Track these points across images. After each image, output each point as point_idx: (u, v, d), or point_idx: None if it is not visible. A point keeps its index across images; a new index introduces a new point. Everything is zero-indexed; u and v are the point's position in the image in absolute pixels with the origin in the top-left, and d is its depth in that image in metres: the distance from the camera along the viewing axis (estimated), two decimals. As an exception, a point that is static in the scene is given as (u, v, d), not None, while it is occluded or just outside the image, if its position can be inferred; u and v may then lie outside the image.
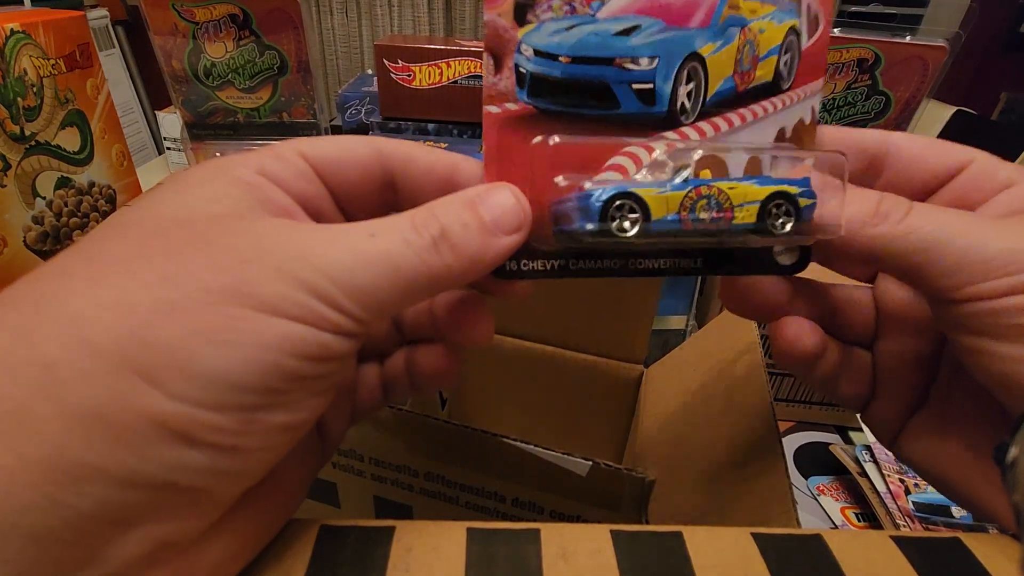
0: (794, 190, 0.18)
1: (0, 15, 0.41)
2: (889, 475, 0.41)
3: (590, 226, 0.17)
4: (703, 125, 0.19)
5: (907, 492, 0.40)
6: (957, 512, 0.39)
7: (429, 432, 0.27)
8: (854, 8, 1.97)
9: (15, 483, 0.11)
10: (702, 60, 0.18)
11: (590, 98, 0.18)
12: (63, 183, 0.45)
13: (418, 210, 0.15)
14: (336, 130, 0.71)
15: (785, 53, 0.19)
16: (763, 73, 0.19)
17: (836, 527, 0.40)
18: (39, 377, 0.11)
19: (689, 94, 0.18)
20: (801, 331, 0.20)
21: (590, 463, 0.24)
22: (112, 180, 0.50)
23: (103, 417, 0.11)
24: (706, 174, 0.18)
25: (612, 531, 0.16)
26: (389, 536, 0.15)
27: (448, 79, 0.58)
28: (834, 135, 0.20)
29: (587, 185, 0.17)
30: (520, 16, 0.17)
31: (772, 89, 0.19)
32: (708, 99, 0.19)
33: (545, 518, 0.28)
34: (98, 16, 1.63)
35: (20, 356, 0.12)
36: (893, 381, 0.21)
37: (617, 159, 0.18)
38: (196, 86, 0.48)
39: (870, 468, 0.42)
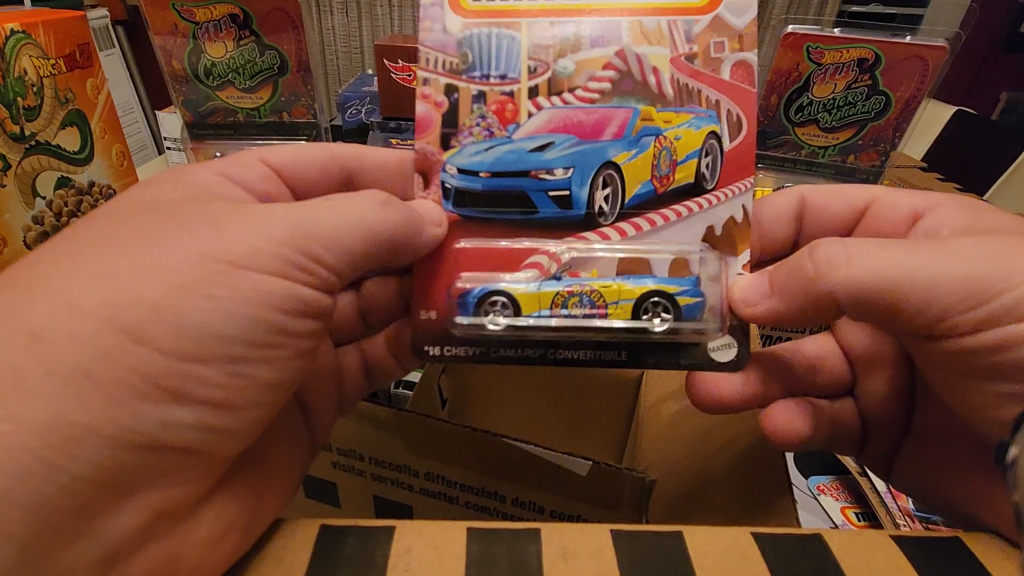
0: (673, 288, 0.18)
1: (0, 15, 0.41)
2: (889, 475, 0.41)
3: (462, 320, 0.19)
4: (624, 225, 0.20)
5: (907, 492, 0.40)
6: (957, 512, 0.38)
7: (429, 432, 0.27)
8: (854, 8, 1.97)
9: (10, 447, 0.11)
10: (617, 167, 0.20)
11: (510, 205, 0.20)
12: (63, 183, 0.45)
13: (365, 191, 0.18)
14: (336, 130, 0.71)
15: (706, 156, 0.20)
16: (684, 176, 0.20)
17: (836, 527, 0.40)
18: (28, 343, 0.12)
19: (607, 198, 0.20)
20: (790, 418, 0.20)
21: (590, 463, 0.24)
22: (112, 180, 0.50)
23: (93, 376, 0.12)
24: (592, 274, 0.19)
25: (612, 531, 0.16)
26: (389, 536, 0.15)
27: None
28: (757, 215, 0.20)
29: (476, 285, 0.19)
30: (445, 143, 0.20)
31: (695, 190, 0.20)
32: (627, 201, 0.20)
33: (545, 518, 0.28)
34: (98, 16, 1.63)
35: (7, 327, 0.12)
36: (879, 418, 0.21)
37: (535, 258, 0.19)
38: (196, 86, 0.48)
39: (870, 468, 0.42)
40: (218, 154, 0.50)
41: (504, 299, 0.19)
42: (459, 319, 0.19)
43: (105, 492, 0.12)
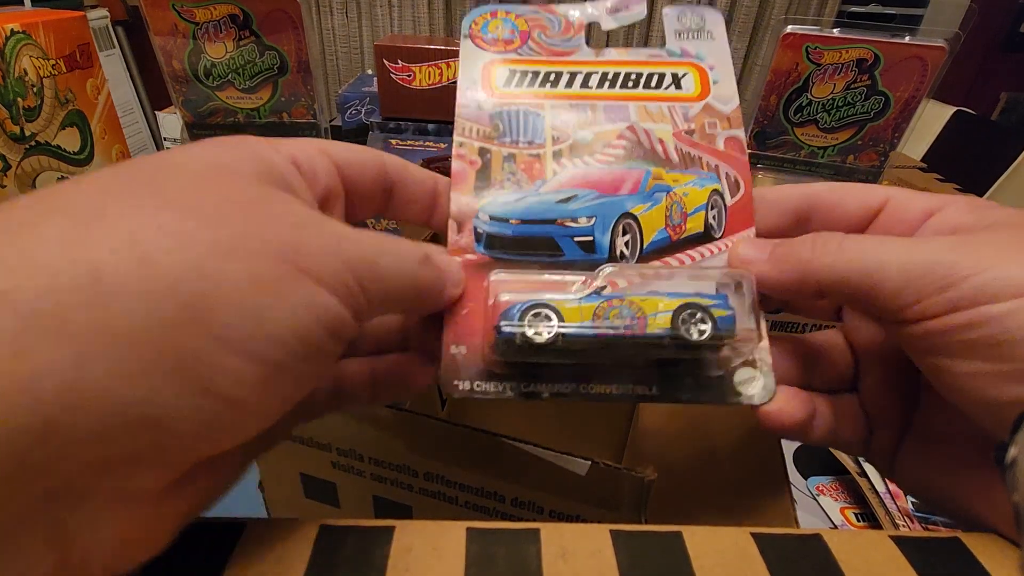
0: (706, 302, 0.19)
1: (0, 15, 0.41)
2: (889, 475, 0.41)
3: (508, 328, 0.19)
4: (643, 268, 0.21)
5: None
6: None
7: (429, 432, 0.27)
8: (854, 8, 1.97)
9: (13, 399, 0.10)
10: (635, 217, 0.22)
11: (538, 249, 0.21)
12: (63, 183, 0.45)
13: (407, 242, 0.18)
14: (336, 130, 0.71)
15: (712, 209, 0.22)
16: (694, 225, 0.22)
17: (836, 527, 0.40)
18: (84, 282, 0.11)
19: (627, 243, 0.22)
20: (785, 404, 0.20)
21: (590, 463, 0.24)
22: (112, 180, 0.50)
23: (137, 343, 0.11)
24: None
25: (612, 531, 0.16)
26: (389, 536, 0.16)
27: (448, 79, 0.58)
28: (757, 200, 0.22)
29: (520, 299, 0.19)
30: (478, 193, 0.22)
31: (705, 238, 0.22)
32: (646, 247, 0.22)
33: (545, 518, 0.28)
34: (98, 16, 1.63)
35: (68, 256, 0.11)
36: (883, 414, 0.21)
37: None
38: (196, 86, 0.48)
39: (870, 468, 0.42)
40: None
41: (548, 311, 0.19)
42: (504, 325, 0.19)
43: (89, 463, 0.11)
